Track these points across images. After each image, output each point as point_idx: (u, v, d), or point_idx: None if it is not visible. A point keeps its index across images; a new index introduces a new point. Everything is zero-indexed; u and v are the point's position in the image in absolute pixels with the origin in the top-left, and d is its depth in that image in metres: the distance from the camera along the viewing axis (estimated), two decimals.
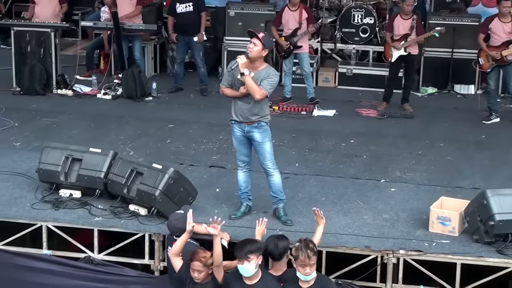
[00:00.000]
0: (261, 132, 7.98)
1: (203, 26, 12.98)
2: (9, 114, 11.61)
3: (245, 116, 7.93)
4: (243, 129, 8.01)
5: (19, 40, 12.89)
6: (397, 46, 12.11)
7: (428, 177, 9.60)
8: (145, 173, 8.05)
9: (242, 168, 8.26)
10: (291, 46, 12.50)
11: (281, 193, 8.22)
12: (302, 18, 12.49)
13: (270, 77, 7.85)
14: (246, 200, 8.35)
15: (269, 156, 8.05)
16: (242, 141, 8.11)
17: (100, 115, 11.79)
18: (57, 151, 8.54)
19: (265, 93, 7.81)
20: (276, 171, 8.14)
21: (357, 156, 10.32)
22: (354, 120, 12.06)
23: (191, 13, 12.87)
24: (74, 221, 8.01)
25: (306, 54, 12.57)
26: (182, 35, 12.98)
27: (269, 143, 8.04)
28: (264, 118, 7.99)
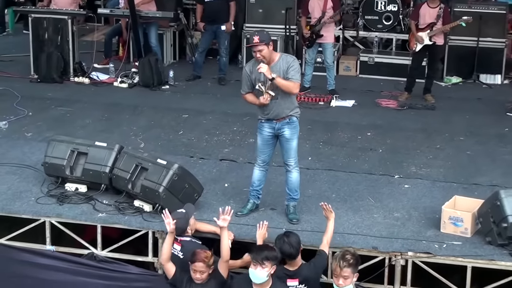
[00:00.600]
0: (292, 129, 7.81)
1: (232, 16, 12.79)
2: (24, 103, 11.52)
3: (276, 113, 7.73)
4: (273, 127, 7.82)
5: (37, 27, 12.80)
6: (420, 41, 11.81)
7: (444, 173, 9.35)
8: (150, 168, 7.90)
9: (260, 166, 8.08)
10: (314, 35, 12.23)
11: (296, 192, 8.05)
12: (327, 7, 12.23)
13: (291, 64, 7.64)
14: (254, 198, 8.18)
15: (294, 153, 7.89)
16: (268, 141, 7.91)
17: (115, 105, 11.66)
18: (63, 145, 8.41)
19: (298, 84, 7.73)
20: (296, 169, 7.97)
21: (372, 150, 10.08)
22: (373, 111, 11.81)
23: (220, 2, 12.68)
24: (77, 217, 7.89)
25: (330, 45, 12.30)
26: (209, 24, 12.77)
27: (296, 140, 7.87)
28: (295, 113, 7.82)
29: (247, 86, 7.78)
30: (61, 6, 12.94)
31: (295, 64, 7.65)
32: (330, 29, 12.25)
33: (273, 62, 7.62)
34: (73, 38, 12.73)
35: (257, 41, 7.50)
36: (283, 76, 7.58)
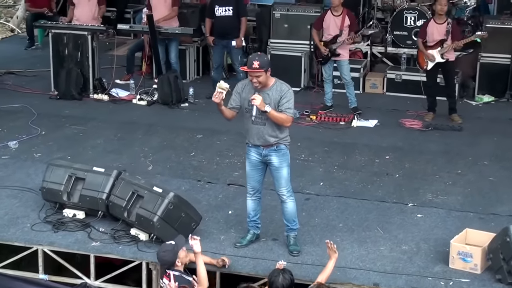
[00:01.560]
0: (280, 156, 7.47)
1: (243, 32, 12.47)
2: (39, 121, 11.39)
3: (263, 138, 7.42)
4: (260, 152, 7.51)
5: (57, 43, 12.65)
6: (432, 58, 11.40)
7: (462, 201, 8.93)
8: (145, 196, 7.65)
9: (251, 196, 7.77)
10: (329, 53, 11.86)
11: (294, 222, 7.71)
12: (344, 25, 11.84)
13: (285, 95, 7.34)
14: (253, 228, 7.88)
15: (285, 182, 7.53)
16: (257, 166, 7.60)
17: (130, 123, 11.44)
18: (61, 169, 8.21)
19: (291, 118, 7.40)
20: (291, 199, 7.62)
21: (388, 175, 9.69)
22: (395, 132, 11.39)
23: (230, 18, 12.37)
24: (70, 245, 7.67)
25: (346, 61, 11.92)
26: (219, 38, 12.49)
27: (286, 168, 7.51)
28: (283, 141, 7.48)
29: (234, 102, 7.50)
30: (83, 22, 12.75)
31: (289, 95, 7.33)
32: (346, 47, 11.86)
33: (266, 88, 7.31)
34: (93, 54, 12.55)
35: (257, 66, 7.21)
36: (274, 106, 7.27)
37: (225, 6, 12.35)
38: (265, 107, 7.22)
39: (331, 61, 11.99)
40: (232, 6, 12.34)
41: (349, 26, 11.86)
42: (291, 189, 7.62)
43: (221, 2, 12.41)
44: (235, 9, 12.34)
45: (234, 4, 12.36)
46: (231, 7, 12.33)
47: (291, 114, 7.32)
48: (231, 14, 12.36)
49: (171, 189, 8.70)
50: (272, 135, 7.38)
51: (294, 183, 9.03)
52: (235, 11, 12.34)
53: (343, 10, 11.87)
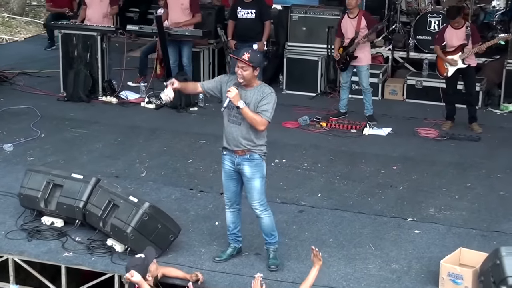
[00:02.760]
0: (252, 166, 7.02)
1: (266, 36, 12.08)
2: (42, 123, 11.14)
3: (235, 141, 6.99)
4: (233, 161, 7.09)
5: (66, 43, 12.41)
6: (453, 63, 10.85)
7: (466, 217, 8.40)
8: (121, 206, 7.29)
9: (229, 207, 7.36)
10: (347, 56, 11.38)
11: (272, 236, 7.28)
12: (360, 26, 11.35)
13: (266, 97, 6.90)
14: (234, 242, 7.45)
15: (257, 195, 7.08)
16: (231, 176, 7.18)
17: (134, 127, 11.12)
18: (39, 175, 7.89)
19: (266, 122, 6.90)
20: (265, 213, 7.16)
21: (392, 187, 9.19)
22: (408, 141, 10.88)
23: (253, 21, 11.99)
24: (41, 255, 7.33)
25: (365, 67, 11.41)
26: (241, 42, 12.08)
27: (259, 180, 7.05)
28: (258, 150, 7.02)
29: (211, 85, 7.12)
30: (94, 22, 12.49)
31: (269, 98, 6.90)
32: (364, 50, 11.36)
33: (249, 87, 6.92)
34: (103, 55, 12.26)
35: (246, 59, 6.80)
36: (254, 107, 6.86)
37: (248, 9, 11.99)
38: (239, 102, 6.80)
39: (350, 67, 11.50)
40: (255, 9, 11.96)
41: (367, 27, 11.35)
42: (265, 203, 7.15)
43: (244, 4, 12.05)
44: (257, 12, 11.96)
45: (257, 7, 11.98)
46: (254, 9, 11.96)
47: (266, 118, 6.87)
48: (254, 17, 11.98)
49: (162, 197, 8.50)
50: (246, 138, 6.93)
51: (291, 194, 8.72)
52: (257, 14, 11.96)
53: (359, 12, 11.40)
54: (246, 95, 6.90)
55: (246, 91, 6.91)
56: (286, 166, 9.74)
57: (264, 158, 7.07)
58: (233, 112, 6.96)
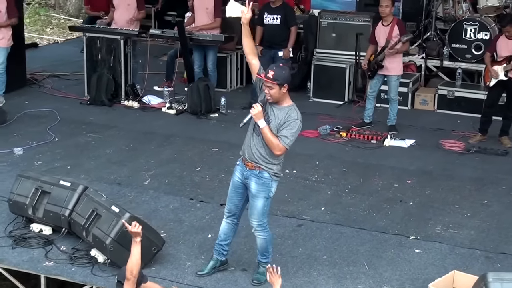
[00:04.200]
0: (259, 184, 6.74)
1: (292, 42, 11.79)
2: (59, 127, 11.08)
3: (249, 151, 6.73)
4: (243, 172, 6.83)
5: (91, 47, 12.32)
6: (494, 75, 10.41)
7: (473, 237, 7.99)
8: (103, 216, 7.10)
9: (226, 217, 7.12)
10: (376, 65, 11.01)
11: (264, 256, 7.03)
12: (392, 35, 10.97)
13: (289, 122, 6.59)
14: (217, 254, 7.17)
15: (257, 215, 6.82)
16: (237, 188, 6.91)
17: (149, 133, 10.95)
18: (28, 181, 7.76)
19: (283, 148, 6.62)
20: (262, 233, 6.91)
21: (402, 202, 8.81)
22: (430, 154, 10.46)
23: (278, 27, 11.74)
24: (21, 264, 7.19)
25: (395, 78, 11.01)
26: (267, 48, 11.85)
27: (262, 200, 6.76)
28: (269, 168, 6.72)
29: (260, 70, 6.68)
30: (120, 26, 12.39)
31: (293, 124, 6.58)
32: (395, 60, 10.95)
33: (278, 105, 6.62)
34: (126, 59, 12.13)
35: (271, 77, 6.50)
36: (277, 127, 6.58)
37: (274, 14, 11.76)
38: (260, 121, 6.54)
39: (379, 76, 11.11)
40: (280, 14, 11.71)
41: (399, 35, 10.95)
42: (263, 224, 6.88)
43: (270, 9, 11.83)
44: (283, 17, 11.71)
45: (282, 13, 11.73)
46: (279, 15, 11.71)
47: (284, 144, 6.58)
48: (279, 22, 11.74)
49: (160, 206, 8.37)
50: (261, 152, 6.67)
51: (293, 207, 8.46)
52: (283, 20, 11.71)
53: (393, 20, 11.02)
54: (273, 112, 6.61)
55: (274, 108, 6.62)
56: (295, 177, 9.44)
57: (275, 179, 6.77)
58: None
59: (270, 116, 6.59)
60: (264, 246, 6.94)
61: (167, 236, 7.78)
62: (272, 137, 6.53)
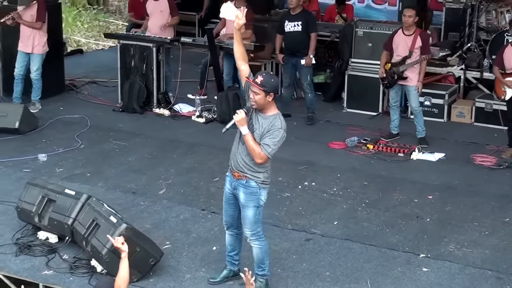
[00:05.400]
0: (247, 194, 6.67)
1: (312, 49, 11.66)
2: (87, 134, 11.16)
3: (235, 160, 6.70)
4: (231, 183, 6.79)
5: (124, 54, 12.37)
6: (510, 85, 10.08)
7: (487, 256, 7.74)
8: (102, 226, 7.08)
9: (226, 229, 7.08)
10: (395, 75, 10.80)
11: (260, 268, 6.93)
12: (415, 46, 10.75)
13: (273, 131, 6.53)
14: (230, 264, 7.17)
15: (250, 224, 6.75)
16: (229, 199, 6.89)
17: (174, 141, 10.94)
18: (36, 189, 7.80)
19: (265, 156, 6.53)
20: (257, 242, 6.83)
21: (418, 218, 8.59)
22: (458, 168, 10.18)
23: (299, 33, 11.63)
24: (21, 271, 7.22)
25: (414, 88, 10.80)
26: (288, 56, 11.77)
27: (253, 209, 6.69)
28: (255, 177, 6.65)
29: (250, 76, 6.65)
30: (154, 33, 12.44)
31: (276, 133, 6.51)
32: (415, 70, 10.73)
33: (263, 113, 6.58)
34: (158, 67, 12.15)
35: (259, 82, 6.45)
36: (259, 136, 6.52)
37: (294, 21, 11.64)
38: (242, 128, 6.51)
39: (398, 86, 10.92)
40: (301, 21, 11.59)
41: (421, 48, 10.74)
42: (257, 233, 6.80)
43: (291, 17, 11.73)
44: (304, 24, 11.58)
45: (303, 19, 11.61)
46: (300, 22, 11.59)
47: (266, 152, 6.50)
48: (300, 29, 11.61)
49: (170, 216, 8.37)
50: (245, 161, 6.62)
51: (305, 220, 8.33)
52: (304, 27, 11.58)
53: (416, 30, 10.81)
54: (258, 121, 6.57)
55: (259, 116, 6.58)
56: (313, 190, 9.29)
57: (264, 187, 6.69)
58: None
59: (255, 125, 6.53)
60: (260, 256, 6.84)
61: (172, 247, 7.74)
62: (254, 145, 6.45)
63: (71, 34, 19.61)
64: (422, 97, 11.95)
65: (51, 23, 12.36)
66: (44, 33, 11.96)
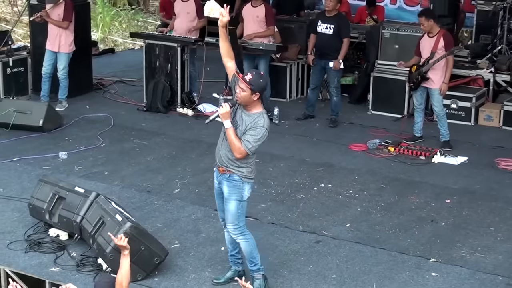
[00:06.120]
0: (230, 187, 6.70)
1: (343, 53, 11.54)
2: (109, 133, 11.22)
3: (220, 157, 6.72)
4: (217, 177, 6.83)
5: (150, 53, 12.42)
6: None
7: (500, 262, 7.62)
8: (107, 224, 7.10)
9: (224, 227, 7.05)
10: (419, 77, 10.68)
11: (252, 263, 6.91)
12: (437, 47, 10.61)
13: (255, 128, 6.54)
14: (234, 264, 7.15)
15: (232, 218, 6.75)
16: (219, 194, 6.91)
17: (194, 141, 10.95)
18: (47, 186, 7.85)
19: (244, 152, 6.55)
20: (241, 238, 6.82)
21: (433, 222, 8.47)
22: (480, 172, 10.03)
23: (331, 37, 11.52)
24: (28, 268, 7.27)
25: (437, 91, 10.65)
26: (318, 58, 11.69)
27: (234, 203, 6.71)
28: (238, 171, 6.66)
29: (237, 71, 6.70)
30: (179, 33, 12.46)
31: (258, 131, 6.51)
32: (439, 72, 10.58)
33: (247, 111, 6.60)
34: (183, 67, 12.17)
35: (247, 80, 6.47)
36: (242, 133, 6.54)
37: (327, 23, 11.55)
38: (225, 121, 6.53)
39: (422, 88, 10.80)
40: (334, 24, 11.50)
41: (444, 48, 10.59)
42: (241, 227, 6.79)
43: (325, 18, 11.65)
44: (336, 28, 11.49)
45: (336, 23, 11.51)
46: (333, 25, 11.49)
47: (245, 148, 6.51)
48: (332, 33, 11.52)
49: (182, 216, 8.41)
50: (228, 156, 6.64)
51: (317, 222, 8.27)
52: (336, 30, 11.49)
53: (439, 31, 10.66)
54: (242, 118, 6.59)
55: (244, 114, 6.60)
56: (329, 191, 9.22)
57: (247, 181, 6.68)
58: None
59: (238, 121, 6.55)
60: (248, 250, 6.82)
61: (180, 247, 7.75)
62: (235, 139, 6.47)
63: (108, 33, 19.75)
64: (449, 100, 11.82)
65: (79, 22, 12.48)
66: (71, 33, 12.05)
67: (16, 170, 9.75)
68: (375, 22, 14.68)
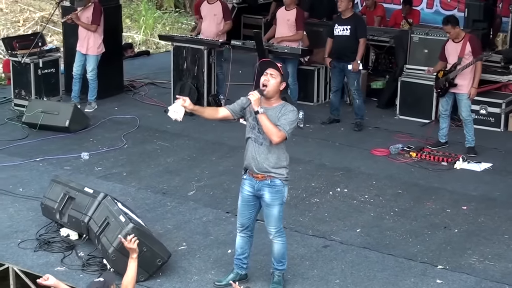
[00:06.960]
0: (273, 193, 6.75)
1: (360, 54, 11.51)
2: (133, 134, 11.35)
3: (257, 164, 6.72)
4: (253, 185, 6.83)
5: (177, 56, 12.50)
6: None
7: (509, 270, 7.53)
8: (111, 224, 7.18)
9: (239, 232, 7.11)
10: (447, 83, 10.57)
11: (281, 263, 7.00)
12: (464, 52, 10.49)
13: (287, 113, 6.65)
14: (237, 267, 7.18)
15: (275, 221, 6.83)
16: (248, 202, 6.92)
17: (216, 144, 10.99)
18: (59, 186, 7.97)
19: (283, 134, 6.60)
20: (279, 239, 6.90)
21: (446, 229, 8.38)
22: (502, 179, 9.88)
23: (347, 38, 11.49)
24: (34, 267, 7.38)
25: (466, 96, 10.51)
26: (336, 60, 11.66)
27: (278, 207, 6.78)
28: (278, 174, 6.72)
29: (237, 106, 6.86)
30: (206, 36, 12.52)
31: (291, 115, 6.64)
32: (467, 77, 10.45)
33: (270, 106, 6.68)
34: (209, 69, 12.22)
35: (279, 66, 6.63)
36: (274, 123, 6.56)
37: (344, 25, 11.53)
38: (259, 108, 6.56)
39: (450, 94, 10.67)
40: (350, 25, 11.46)
41: (472, 53, 10.47)
42: (281, 229, 6.90)
43: (341, 21, 11.63)
44: (353, 28, 11.45)
45: (352, 24, 11.47)
46: (349, 26, 11.46)
47: (284, 131, 6.56)
48: (349, 34, 11.48)
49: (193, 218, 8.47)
50: (268, 159, 6.66)
51: (328, 227, 8.27)
52: (353, 31, 11.45)
53: (465, 36, 10.54)
54: (268, 112, 6.64)
55: (268, 108, 6.65)
56: (344, 196, 9.18)
57: (286, 183, 6.76)
58: (255, 130, 6.73)
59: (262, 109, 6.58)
60: (282, 251, 6.91)
61: (187, 249, 7.79)
62: (271, 125, 6.52)
63: (150, 35, 19.94)
64: (478, 106, 11.67)
65: (110, 24, 12.63)
66: (99, 35, 12.19)
67: (38, 170, 9.89)
68: (410, 26, 14.55)
